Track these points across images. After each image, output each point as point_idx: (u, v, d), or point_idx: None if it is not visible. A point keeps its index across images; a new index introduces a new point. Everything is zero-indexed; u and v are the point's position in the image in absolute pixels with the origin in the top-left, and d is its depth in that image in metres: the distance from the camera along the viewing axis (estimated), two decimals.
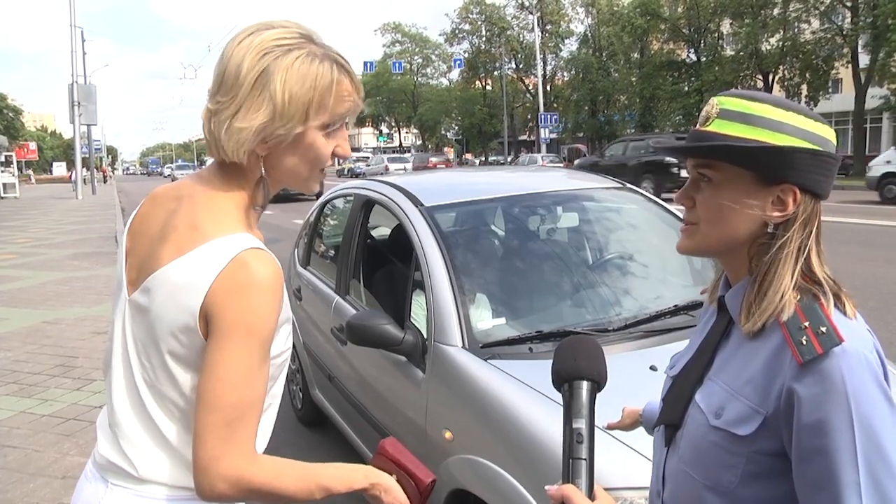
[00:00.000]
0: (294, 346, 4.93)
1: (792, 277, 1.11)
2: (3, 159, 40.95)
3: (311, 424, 4.96)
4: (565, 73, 56.50)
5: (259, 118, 1.26)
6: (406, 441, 3.06)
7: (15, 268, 12.77)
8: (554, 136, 45.92)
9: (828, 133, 1.14)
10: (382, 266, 4.16)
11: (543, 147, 40.61)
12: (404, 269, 3.50)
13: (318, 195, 4.91)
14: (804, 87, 36.06)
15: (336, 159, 1.39)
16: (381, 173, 46.54)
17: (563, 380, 1.21)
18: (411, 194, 3.51)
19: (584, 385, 1.19)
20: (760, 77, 37.02)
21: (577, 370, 1.20)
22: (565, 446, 1.15)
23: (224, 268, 1.22)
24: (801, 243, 1.13)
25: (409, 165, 42.41)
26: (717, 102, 1.17)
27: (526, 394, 2.39)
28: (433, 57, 68.78)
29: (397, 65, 62.17)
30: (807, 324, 1.07)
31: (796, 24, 35.19)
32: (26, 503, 3.89)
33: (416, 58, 69.14)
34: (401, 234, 3.47)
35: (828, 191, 1.15)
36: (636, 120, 45.21)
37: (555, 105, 51.88)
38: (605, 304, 3.11)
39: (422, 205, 3.38)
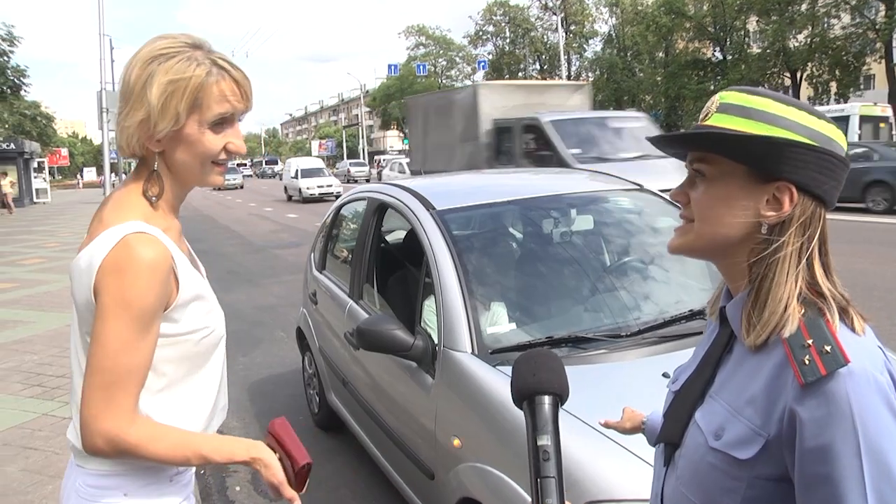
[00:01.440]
0: (310, 351, 4.97)
1: (794, 286, 1.04)
2: (35, 165, 41.66)
3: (328, 428, 4.94)
4: (590, 74, 56.05)
5: (138, 116, 1.41)
6: (418, 448, 3.05)
7: (43, 272, 12.94)
8: None
9: (832, 133, 1.06)
10: (396, 270, 4.13)
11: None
12: (417, 273, 3.47)
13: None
14: (833, 85, 35.47)
15: (231, 155, 1.52)
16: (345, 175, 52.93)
17: (523, 396, 1.14)
18: (423, 197, 3.48)
19: (546, 400, 1.13)
20: (788, 75, 36.48)
21: (538, 385, 1.14)
22: (532, 465, 1.10)
23: (110, 250, 1.36)
24: (799, 248, 1.05)
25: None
26: (719, 97, 1.11)
27: None
28: (457, 59, 68.64)
29: (421, 67, 62.06)
30: (810, 342, 0.99)
31: (825, 19, 34.55)
32: None
33: (440, 60, 69.05)
34: (414, 238, 3.43)
35: (832, 195, 1.07)
36: (662, 119, 44.81)
37: None
38: (619, 308, 3.04)
39: (433, 208, 3.34)
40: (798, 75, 36.06)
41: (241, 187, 52.70)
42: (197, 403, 1.56)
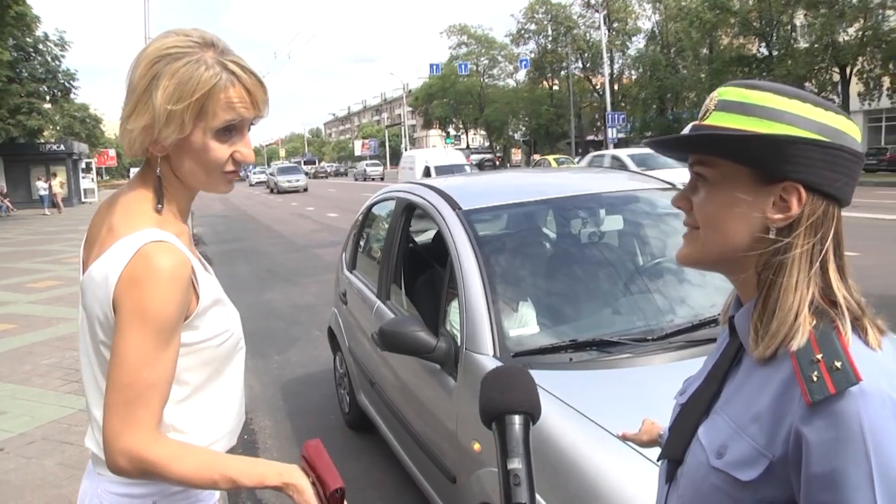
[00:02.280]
0: (341, 350, 4.96)
1: (805, 293, 0.95)
2: (83, 166, 42.62)
3: (358, 428, 4.92)
4: (633, 72, 55.40)
5: (142, 121, 1.34)
6: (441, 451, 3.01)
7: None
8: (622, 135, 45.12)
9: (843, 124, 0.97)
10: (425, 271, 4.10)
11: (611, 146, 39.97)
12: (444, 274, 3.43)
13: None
14: (886, 80, 34.42)
15: (239, 165, 1.45)
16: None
17: (492, 416, 1.08)
18: (450, 197, 3.43)
19: (517, 420, 1.06)
20: (836, 70, 35.46)
21: (506, 404, 1.07)
22: (502, 490, 1.02)
23: (128, 261, 1.31)
24: (811, 251, 0.96)
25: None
26: (717, 94, 1.03)
27: (555, 407, 2.27)
28: (499, 58, 68.42)
29: (463, 66, 62.06)
30: (820, 356, 0.90)
31: (879, 11, 33.42)
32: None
33: (482, 59, 68.90)
34: (442, 239, 3.39)
35: (846, 192, 0.98)
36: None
37: (622, 104, 50.98)
38: (647, 311, 2.95)
39: (459, 208, 3.29)
40: (848, 70, 35.02)
41: (305, 190, 44.21)
42: (222, 408, 1.53)
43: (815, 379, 0.89)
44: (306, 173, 51.84)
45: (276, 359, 7.12)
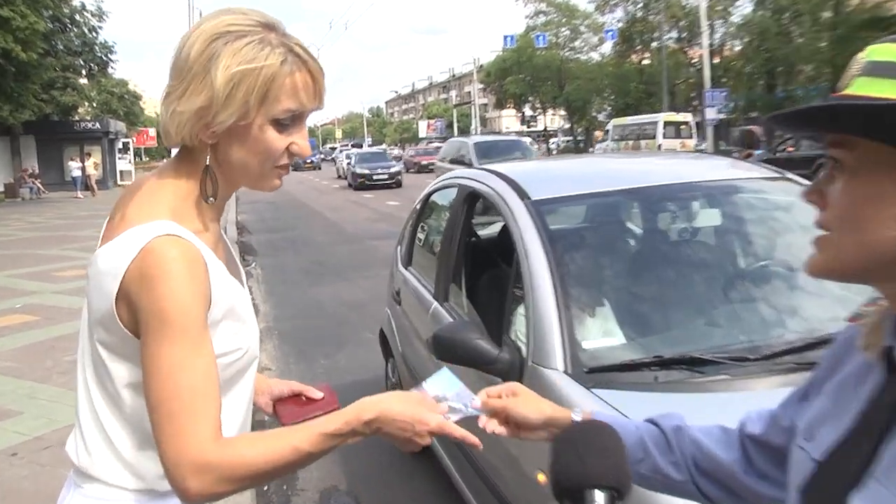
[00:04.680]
0: (393, 356, 4.93)
1: None
2: (120, 146, 43.94)
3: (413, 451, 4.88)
4: (736, 42, 54.10)
5: (198, 102, 1.34)
6: (501, 479, 2.94)
7: None
8: (722, 115, 44.13)
9: None
10: (489, 269, 4.03)
11: (709, 130, 39.14)
12: (510, 273, 3.36)
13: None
14: None
15: (293, 157, 1.46)
16: None
17: (568, 491, 0.96)
18: (518, 185, 3.36)
19: (600, 498, 0.94)
20: None
21: (588, 476, 0.95)
22: None
23: (136, 255, 1.31)
24: None
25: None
26: (865, 53, 0.88)
27: None
28: (582, 28, 67.74)
29: (541, 38, 61.49)
30: None
31: None
32: None
33: (562, 30, 68.40)
34: (508, 233, 3.32)
35: None
36: (825, 95, 42.37)
37: (723, 80, 49.82)
38: (751, 324, 2.83)
39: (528, 197, 3.22)
40: None
41: (399, 185, 34.33)
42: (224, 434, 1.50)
43: None
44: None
45: (322, 363, 7.17)
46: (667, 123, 40.72)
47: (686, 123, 41.52)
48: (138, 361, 1.34)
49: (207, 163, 1.42)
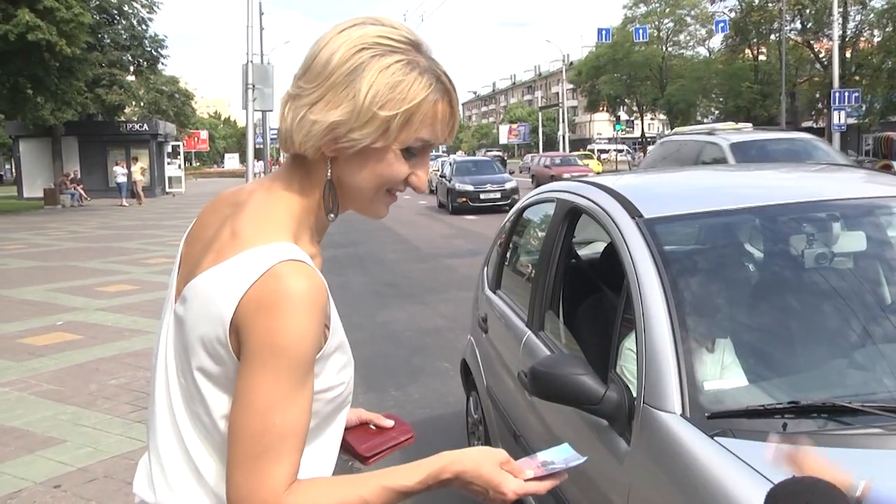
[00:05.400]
0: (477, 390, 4.95)
1: None
2: (169, 150, 45.07)
3: None
4: (875, 32, 52.54)
5: (335, 115, 1.40)
6: None
7: (168, 274, 13.87)
8: (852, 120, 43.06)
9: None
10: (591, 295, 4.03)
11: (836, 136, 38.22)
12: (617, 300, 3.35)
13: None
14: None
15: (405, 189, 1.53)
16: None
17: None
18: (627, 201, 3.36)
19: None
20: None
21: None
22: None
23: (257, 280, 1.35)
24: None
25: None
26: None
27: None
28: (688, 19, 67.24)
29: (641, 31, 60.89)
30: None
31: None
32: None
33: (665, 21, 67.92)
34: (614, 254, 3.33)
35: None
36: None
37: (856, 78, 48.63)
38: None
39: (640, 216, 3.21)
40: None
41: (510, 207, 28.68)
42: (314, 473, 1.56)
43: None
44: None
45: (392, 394, 7.24)
46: None
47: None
48: None
49: (329, 176, 1.49)
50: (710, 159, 14.30)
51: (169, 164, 45.39)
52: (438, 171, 33.53)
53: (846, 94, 38.47)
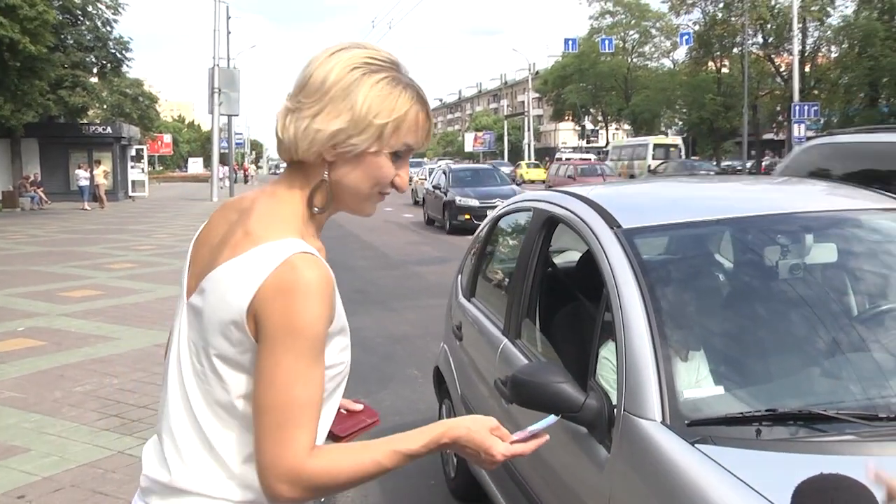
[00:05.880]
0: (450, 398, 4.97)
1: None
2: (133, 153, 44.62)
3: (466, 499, 4.92)
4: (833, 48, 53.33)
5: (336, 124, 1.64)
6: None
7: (133, 279, 13.84)
8: (811, 133, 43.57)
9: None
10: (567, 303, 4.06)
11: (795, 147, 38.50)
12: (594, 309, 3.39)
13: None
14: None
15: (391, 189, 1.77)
16: None
17: None
18: (605, 211, 3.40)
19: None
20: None
21: None
22: None
23: (274, 270, 1.55)
24: None
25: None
26: None
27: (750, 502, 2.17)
28: (654, 31, 67.88)
29: (607, 42, 61.48)
30: None
31: None
32: None
33: (631, 33, 68.49)
34: (591, 263, 3.36)
35: None
36: None
37: (815, 91, 49.31)
38: (876, 375, 2.83)
39: (618, 226, 3.26)
40: None
41: None
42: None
43: None
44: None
45: (363, 401, 7.21)
46: (656, 146, 47.49)
47: (675, 146, 48.75)
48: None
49: (325, 177, 1.70)
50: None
51: (132, 167, 44.93)
52: (425, 179, 30.91)
53: (806, 107, 38.95)
